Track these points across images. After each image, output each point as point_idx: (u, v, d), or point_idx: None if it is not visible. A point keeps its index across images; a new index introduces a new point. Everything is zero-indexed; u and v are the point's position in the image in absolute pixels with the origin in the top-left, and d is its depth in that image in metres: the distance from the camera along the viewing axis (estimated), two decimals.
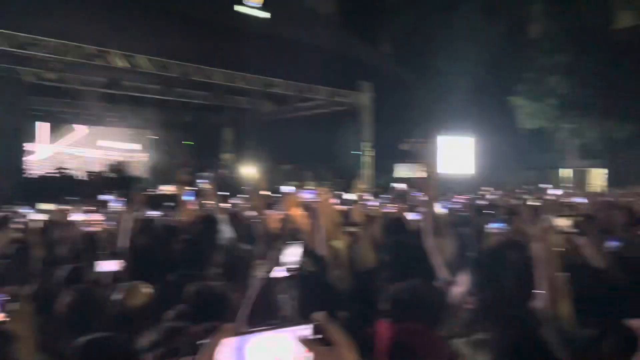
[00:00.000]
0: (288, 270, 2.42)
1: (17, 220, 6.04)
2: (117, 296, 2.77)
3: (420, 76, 23.71)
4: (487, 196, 9.90)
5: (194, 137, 25.02)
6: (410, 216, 4.83)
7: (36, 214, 6.41)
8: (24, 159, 16.33)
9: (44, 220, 5.82)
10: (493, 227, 3.63)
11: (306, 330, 0.87)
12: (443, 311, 1.88)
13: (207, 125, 25.30)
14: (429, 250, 2.71)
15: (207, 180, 5.06)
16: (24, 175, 16.15)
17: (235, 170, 21.90)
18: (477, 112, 22.28)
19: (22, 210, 8.11)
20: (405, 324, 1.58)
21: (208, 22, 15.98)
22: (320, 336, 0.86)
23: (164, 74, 16.74)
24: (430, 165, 2.78)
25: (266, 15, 17.63)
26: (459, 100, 23.00)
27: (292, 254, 2.48)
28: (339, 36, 21.07)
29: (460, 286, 1.99)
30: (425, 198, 2.80)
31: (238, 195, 8.22)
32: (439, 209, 2.80)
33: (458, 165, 21.27)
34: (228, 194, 10.49)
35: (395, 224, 4.58)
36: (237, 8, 17.01)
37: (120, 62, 15.77)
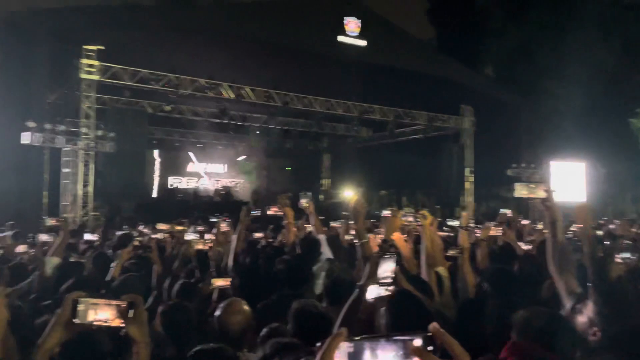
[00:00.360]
0: (382, 284, 2.38)
1: (139, 238, 6.60)
2: (217, 312, 2.87)
3: (526, 98, 22.56)
4: (610, 226, 9.12)
5: (294, 163, 25.85)
6: (519, 243, 4.59)
7: (155, 233, 6.95)
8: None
9: (162, 239, 6.31)
10: (620, 257, 3.34)
11: (418, 340, 0.85)
12: (570, 341, 1.75)
13: (306, 151, 26.03)
14: (553, 277, 2.53)
15: (306, 200, 5.17)
16: (146, 198, 17.53)
17: (334, 195, 22.19)
18: (589, 135, 20.64)
19: (143, 229, 8.85)
20: (535, 352, 1.49)
21: (308, 52, 16.57)
22: (431, 347, 0.85)
23: (267, 103, 17.60)
24: (550, 187, 2.55)
25: (362, 43, 17.89)
26: (568, 124, 21.52)
27: (386, 270, 2.45)
28: (437, 60, 20.79)
29: (583, 316, 1.84)
30: (549, 222, 2.61)
31: (339, 220, 8.32)
32: (563, 233, 2.59)
33: (567, 193, 19.77)
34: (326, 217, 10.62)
35: (504, 251, 4.39)
36: (340, 39, 17.45)
37: (228, 93, 16.87)
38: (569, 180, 20.44)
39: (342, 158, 26.10)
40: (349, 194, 20.16)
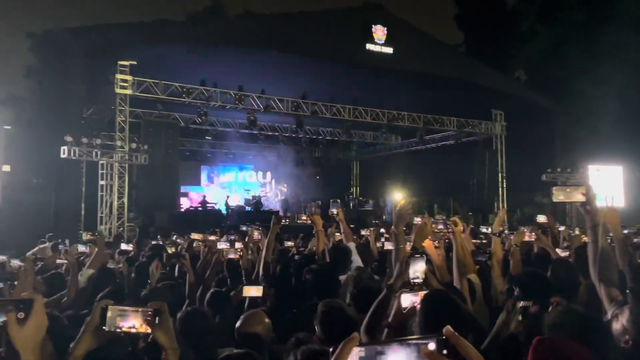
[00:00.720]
0: (412, 285, 2.35)
1: (172, 248, 6.72)
2: (238, 323, 2.87)
3: (559, 101, 22.03)
4: None
5: (323, 171, 25.87)
6: (557, 250, 4.47)
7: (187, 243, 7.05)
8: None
9: (194, 248, 6.40)
10: None
11: (431, 344, 0.84)
12: (604, 344, 1.69)
13: (335, 160, 26.04)
14: (594, 283, 2.44)
15: (336, 208, 5.18)
16: (178, 210, 17.78)
17: (364, 203, 22.10)
18: (626, 138, 19.97)
19: (176, 239, 9.00)
20: (565, 347, 1.43)
21: (336, 61, 16.62)
22: (445, 351, 0.83)
23: (296, 112, 17.71)
24: (591, 189, 2.46)
25: (389, 50, 17.82)
26: (604, 126, 20.91)
27: (417, 270, 2.41)
28: (467, 65, 20.53)
29: (618, 323, 1.78)
30: (589, 226, 2.53)
31: (369, 228, 8.30)
32: (604, 238, 2.49)
33: (604, 197, 19.13)
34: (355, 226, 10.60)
35: (540, 257, 4.28)
36: (369, 47, 17.45)
37: (257, 104, 17.07)
38: (605, 184, 19.86)
39: (372, 166, 26.03)
40: (398, 196, 19.99)
